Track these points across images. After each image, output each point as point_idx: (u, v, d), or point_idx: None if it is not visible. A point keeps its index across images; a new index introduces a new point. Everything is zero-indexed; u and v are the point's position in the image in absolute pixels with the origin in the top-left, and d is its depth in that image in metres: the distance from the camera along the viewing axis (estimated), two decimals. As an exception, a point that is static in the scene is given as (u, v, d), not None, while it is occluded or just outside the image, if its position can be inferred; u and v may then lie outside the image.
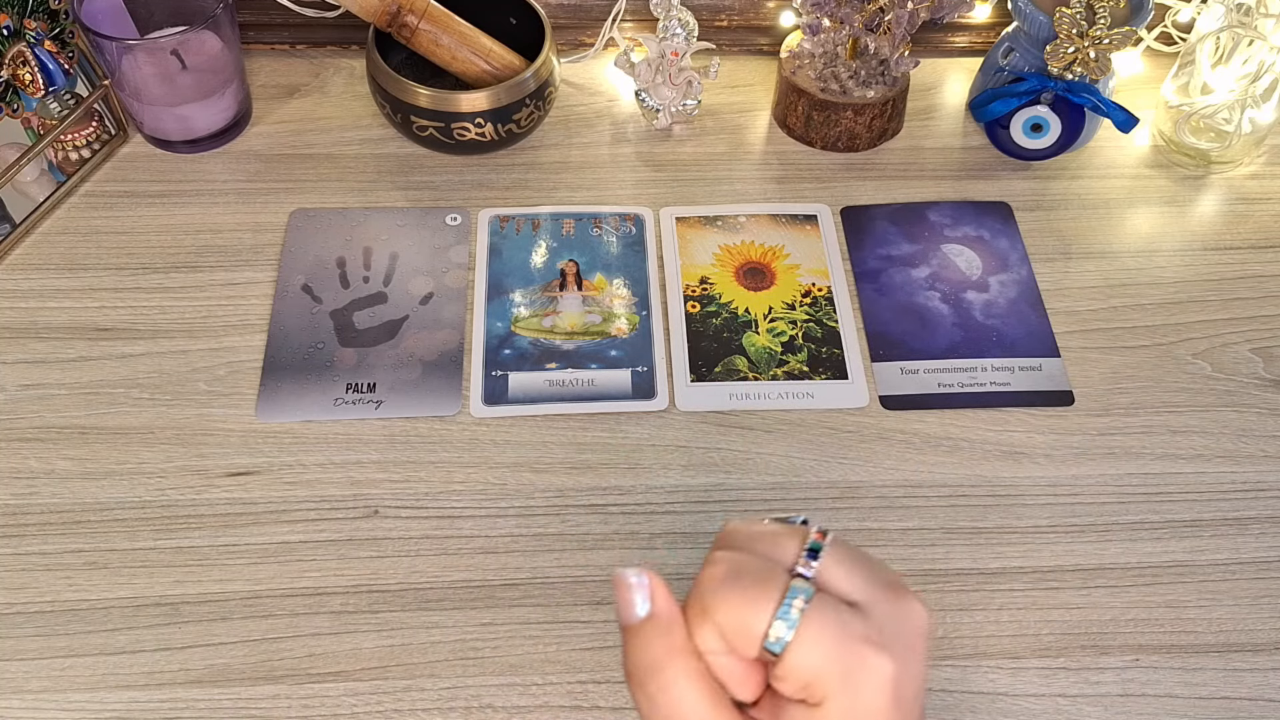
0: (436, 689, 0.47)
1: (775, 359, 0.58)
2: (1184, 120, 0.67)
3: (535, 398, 0.56)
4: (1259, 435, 0.56)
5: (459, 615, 0.49)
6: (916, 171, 0.68)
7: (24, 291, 0.60)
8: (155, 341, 0.58)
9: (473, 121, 0.63)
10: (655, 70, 0.66)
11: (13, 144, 0.61)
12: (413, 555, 0.51)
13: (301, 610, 0.49)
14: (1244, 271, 0.63)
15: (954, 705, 0.47)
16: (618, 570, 0.32)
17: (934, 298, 0.61)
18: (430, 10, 0.63)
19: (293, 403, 0.56)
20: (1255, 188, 0.68)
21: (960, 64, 0.74)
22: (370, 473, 0.53)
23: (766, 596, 0.29)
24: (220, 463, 0.53)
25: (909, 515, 0.53)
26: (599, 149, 0.68)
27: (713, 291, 0.61)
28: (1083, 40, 0.62)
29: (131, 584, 0.49)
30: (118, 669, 0.47)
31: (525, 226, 0.64)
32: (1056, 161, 0.68)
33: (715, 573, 0.31)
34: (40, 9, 0.61)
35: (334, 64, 0.72)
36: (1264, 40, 0.63)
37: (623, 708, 0.47)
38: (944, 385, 0.57)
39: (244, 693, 0.46)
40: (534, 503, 0.53)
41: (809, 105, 0.67)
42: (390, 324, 0.59)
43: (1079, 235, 0.65)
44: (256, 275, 0.61)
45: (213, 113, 0.65)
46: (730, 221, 0.65)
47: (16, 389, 0.56)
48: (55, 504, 0.52)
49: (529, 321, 0.59)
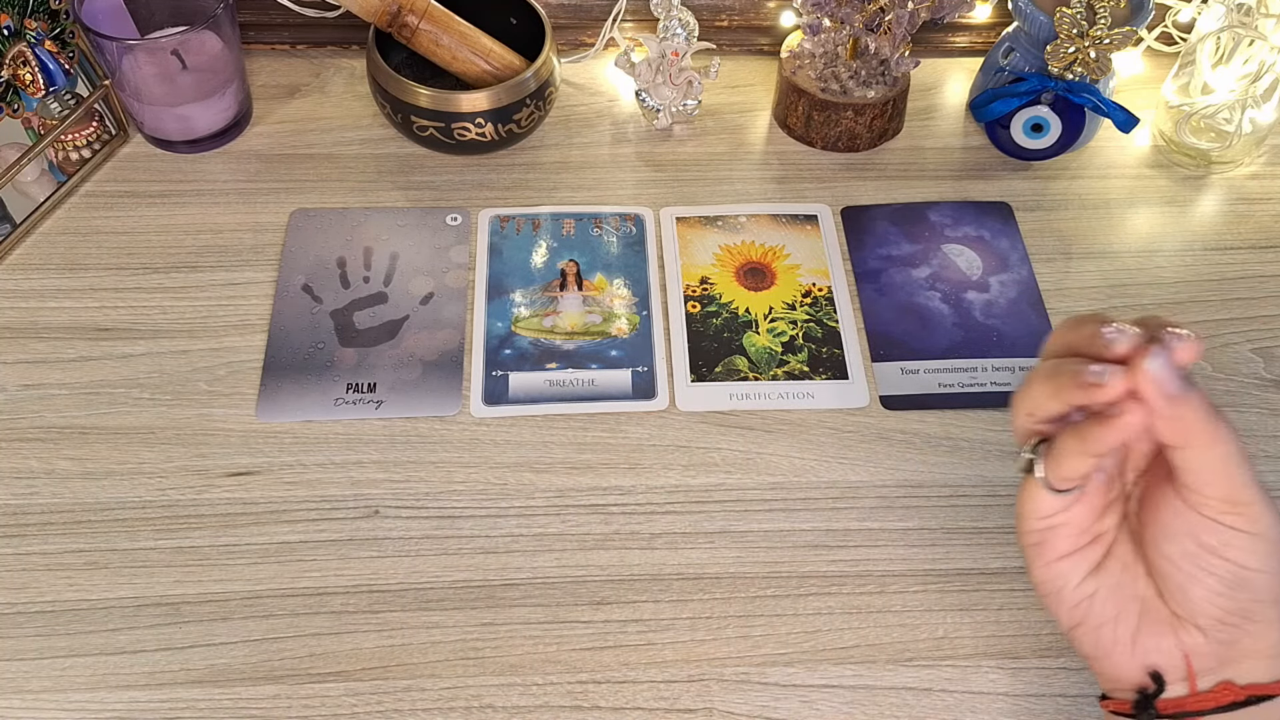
0: (437, 689, 0.47)
1: (775, 359, 0.58)
2: (1184, 120, 0.67)
3: (535, 398, 0.56)
4: (1259, 435, 0.56)
5: (459, 615, 0.49)
6: (917, 171, 0.68)
7: (24, 291, 0.60)
8: (155, 341, 0.58)
9: (473, 121, 0.63)
10: (655, 70, 0.66)
11: (13, 144, 0.61)
12: (413, 555, 0.51)
13: (302, 610, 0.49)
14: (1244, 271, 0.63)
15: (954, 705, 0.47)
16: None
17: (934, 298, 0.61)
18: (430, 10, 0.63)
19: (293, 403, 0.56)
20: (1255, 188, 0.68)
21: (960, 64, 0.74)
22: (370, 473, 0.53)
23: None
24: (221, 463, 0.53)
25: (909, 515, 0.53)
26: (599, 149, 0.68)
27: (713, 291, 0.61)
28: (1083, 40, 0.62)
29: (132, 584, 0.49)
30: (118, 669, 0.47)
31: (525, 226, 0.64)
32: (1057, 161, 0.68)
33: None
34: (41, 9, 0.61)
35: (334, 64, 0.72)
36: (1264, 40, 0.63)
37: (623, 708, 0.47)
38: (944, 385, 0.57)
39: (244, 693, 0.46)
40: (534, 503, 0.53)
41: (809, 105, 0.67)
42: (390, 324, 0.59)
43: (1079, 235, 0.65)
44: (257, 275, 0.61)
45: (213, 113, 0.65)
46: (730, 221, 0.65)
47: (16, 389, 0.56)
48: (56, 504, 0.52)
49: (529, 321, 0.59)
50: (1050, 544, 0.39)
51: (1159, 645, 0.38)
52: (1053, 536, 0.39)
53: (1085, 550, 0.39)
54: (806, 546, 0.52)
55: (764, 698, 0.47)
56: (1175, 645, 0.37)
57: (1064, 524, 0.39)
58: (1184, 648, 0.37)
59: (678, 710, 0.47)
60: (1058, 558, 0.39)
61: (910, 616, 0.50)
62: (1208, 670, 0.37)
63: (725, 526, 0.52)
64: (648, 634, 0.49)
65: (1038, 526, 0.39)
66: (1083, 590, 0.39)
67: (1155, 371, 0.34)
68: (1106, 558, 0.39)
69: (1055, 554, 0.39)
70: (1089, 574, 0.39)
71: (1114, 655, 0.38)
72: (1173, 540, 0.37)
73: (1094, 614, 0.38)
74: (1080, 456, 0.36)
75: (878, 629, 0.49)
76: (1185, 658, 0.37)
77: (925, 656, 0.48)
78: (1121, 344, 0.35)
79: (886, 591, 0.50)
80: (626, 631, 0.49)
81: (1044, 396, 0.37)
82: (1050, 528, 0.39)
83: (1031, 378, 0.38)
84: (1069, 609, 0.39)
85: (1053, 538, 0.39)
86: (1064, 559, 0.39)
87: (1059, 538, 0.39)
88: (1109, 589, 0.38)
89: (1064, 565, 0.39)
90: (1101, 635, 0.38)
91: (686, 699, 0.47)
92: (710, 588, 0.50)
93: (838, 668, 0.48)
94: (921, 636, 0.49)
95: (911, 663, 0.48)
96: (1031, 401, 0.37)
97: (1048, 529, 0.39)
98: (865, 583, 0.51)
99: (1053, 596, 0.39)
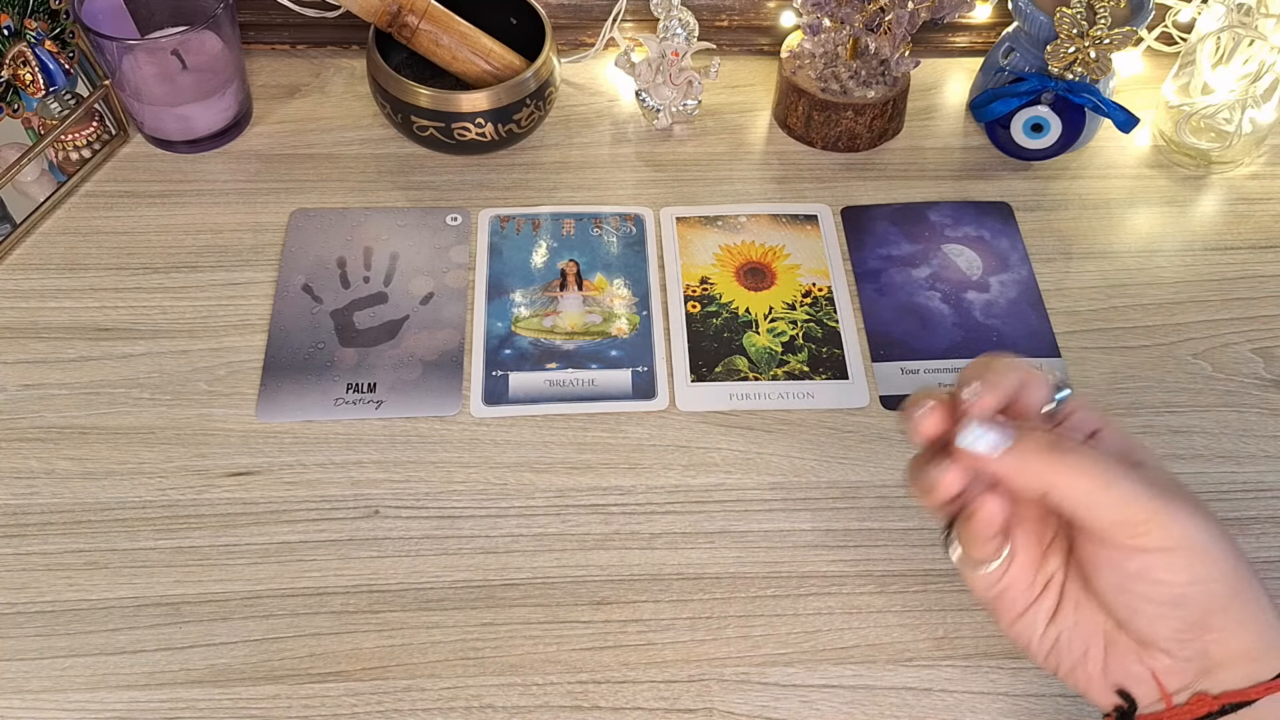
0: (437, 689, 0.47)
1: (775, 359, 0.58)
2: (1184, 120, 0.67)
3: (535, 398, 0.56)
4: (1260, 435, 0.56)
5: (459, 615, 0.49)
6: (917, 171, 0.68)
7: (24, 291, 0.60)
8: (155, 341, 0.58)
9: (473, 121, 0.63)
10: (656, 70, 0.66)
11: (13, 144, 0.62)
12: (413, 555, 0.51)
13: (302, 610, 0.49)
14: (1244, 271, 0.63)
15: (954, 705, 0.47)
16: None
17: (934, 298, 0.61)
18: (430, 10, 0.63)
19: (293, 403, 0.56)
20: (1255, 188, 0.68)
21: (960, 64, 0.74)
22: (370, 473, 0.53)
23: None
24: (221, 463, 0.53)
25: (909, 515, 0.53)
26: (599, 149, 0.68)
27: (713, 291, 0.61)
28: (1083, 40, 0.62)
29: (132, 584, 0.49)
30: (118, 669, 0.47)
31: (525, 226, 0.64)
32: (1057, 161, 0.68)
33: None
34: (41, 9, 0.61)
35: (334, 64, 0.72)
36: (1264, 40, 0.63)
37: (623, 708, 0.47)
38: (945, 385, 0.57)
39: (244, 693, 0.46)
40: (534, 503, 0.53)
41: (809, 105, 0.67)
42: (391, 324, 0.59)
43: (1079, 235, 0.65)
44: (257, 275, 0.61)
45: (213, 113, 0.65)
46: (730, 221, 0.65)
47: (16, 389, 0.56)
48: (56, 504, 0.52)
49: (529, 321, 0.59)
50: (1004, 606, 0.39)
51: (1127, 672, 0.38)
52: (1004, 599, 0.39)
53: (1039, 601, 0.39)
54: (806, 546, 0.52)
55: (764, 698, 0.47)
56: (1143, 669, 0.37)
57: (1008, 586, 0.39)
58: (1152, 668, 0.37)
59: (678, 710, 0.47)
60: (1016, 616, 0.39)
61: (910, 616, 0.50)
62: (1185, 686, 0.37)
63: (725, 526, 0.52)
64: (648, 634, 0.49)
65: (986, 596, 0.40)
66: (1047, 639, 0.39)
67: (968, 444, 0.35)
68: (1061, 601, 0.39)
69: (1013, 614, 0.39)
70: (1048, 622, 0.39)
71: (1091, 691, 0.39)
72: (1100, 576, 0.37)
73: (1064, 658, 0.39)
74: (978, 542, 0.37)
75: (878, 629, 0.49)
76: (1154, 677, 0.37)
77: (925, 656, 0.48)
78: (927, 428, 0.37)
79: (886, 591, 0.50)
80: (626, 631, 0.49)
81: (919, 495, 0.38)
82: (998, 594, 0.39)
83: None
84: (1042, 659, 0.40)
85: (1004, 600, 0.39)
86: (1021, 616, 0.39)
87: (1009, 599, 0.39)
88: (1070, 631, 0.39)
89: (1023, 622, 0.39)
90: (1076, 676, 0.39)
91: (686, 699, 0.47)
92: (710, 588, 0.50)
93: (838, 668, 0.48)
94: (921, 636, 0.49)
95: (911, 663, 0.48)
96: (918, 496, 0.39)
97: (996, 596, 0.39)
98: (865, 583, 0.51)
99: (1025, 650, 0.40)
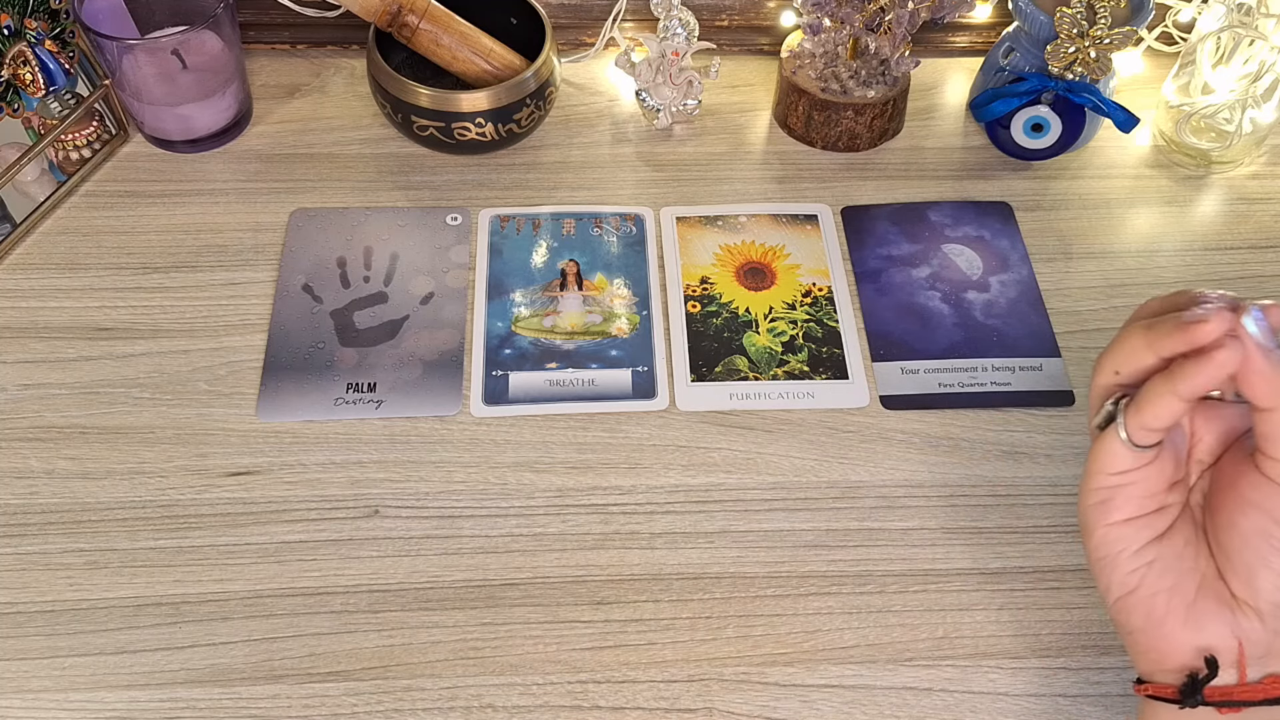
0: (437, 689, 0.47)
1: (776, 359, 0.58)
2: (1184, 120, 0.67)
3: (536, 397, 0.56)
4: (1259, 435, 0.56)
5: (459, 615, 0.49)
6: (917, 171, 0.68)
7: (24, 291, 0.60)
8: (155, 341, 0.58)
9: (473, 121, 0.63)
10: (656, 70, 0.66)
11: (13, 144, 0.62)
12: (413, 555, 0.51)
13: (302, 610, 0.49)
14: (1244, 271, 0.63)
15: (954, 705, 0.47)
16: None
17: (934, 298, 0.61)
18: (431, 10, 0.63)
19: (293, 402, 0.56)
20: (1256, 188, 0.68)
21: (961, 64, 0.74)
22: (371, 472, 0.53)
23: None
24: (221, 462, 0.53)
25: (909, 515, 0.53)
26: (599, 149, 0.68)
27: (713, 291, 0.61)
28: (1083, 40, 0.62)
29: (132, 584, 0.49)
30: (118, 668, 0.47)
31: (526, 226, 0.64)
32: (1057, 161, 0.68)
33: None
34: (41, 9, 0.61)
35: (334, 64, 0.72)
36: (1265, 40, 0.63)
37: (623, 707, 0.47)
38: (944, 385, 0.57)
39: (244, 692, 0.46)
40: (534, 503, 0.53)
41: (809, 105, 0.67)
42: (391, 324, 0.59)
43: (1079, 235, 0.65)
44: (257, 275, 0.61)
45: (213, 112, 0.65)
46: (731, 221, 0.65)
47: (16, 389, 0.56)
48: (56, 504, 0.52)
49: (529, 321, 0.59)
50: (1115, 504, 0.39)
51: (1213, 623, 0.37)
52: (1119, 496, 0.39)
53: (1149, 518, 0.39)
54: (806, 546, 0.52)
55: (764, 698, 0.47)
56: (1230, 628, 0.37)
57: (1133, 484, 0.38)
58: (1239, 632, 0.37)
59: (678, 710, 0.47)
60: (1121, 520, 0.39)
61: (910, 616, 0.50)
62: (1256, 659, 0.37)
63: (725, 526, 0.52)
64: (648, 634, 0.49)
65: (1107, 484, 0.39)
66: (1141, 557, 0.38)
67: (1252, 327, 0.35)
68: (1169, 530, 0.38)
69: (1119, 516, 0.39)
70: (1150, 541, 0.38)
71: (1165, 625, 0.38)
72: (1247, 514, 0.36)
73: (1149, 582, 0.38)
74: (1169, 398, 0.36)
75: (878, 629, 0.49)
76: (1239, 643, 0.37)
77: (925, 656, 0.48)
78: (1215, 324, 0.36)
79: (886, 591, 0.50)
80: (626, 631, 0.49)
81: (1137, 349, 0.37)
82: (1119, 486, 0.38)
83: (1123, 334, 0.38)
84: (1123, 575, 0.39)
85: (1119, 498, 0.39)
86: (1127, 522, 0.39)
87: (1125, 499, 0.38)
88: (1168, 559, 0.38)
89: (1126, 529, 0.39)
90: (1155, 604, 0.38)
91: (686, 699, 0.47)
92: (710, 588, 0.50)
93: (838, 668, 0.48)
94: (921, 636, 0.49)
95: (911, 663, 0.48)
96: (1121, 356, 0.38)
97: (1116, 487, 0.38)
98: (865, 583, 0.51)
99: (1108, 561, 0.39)
